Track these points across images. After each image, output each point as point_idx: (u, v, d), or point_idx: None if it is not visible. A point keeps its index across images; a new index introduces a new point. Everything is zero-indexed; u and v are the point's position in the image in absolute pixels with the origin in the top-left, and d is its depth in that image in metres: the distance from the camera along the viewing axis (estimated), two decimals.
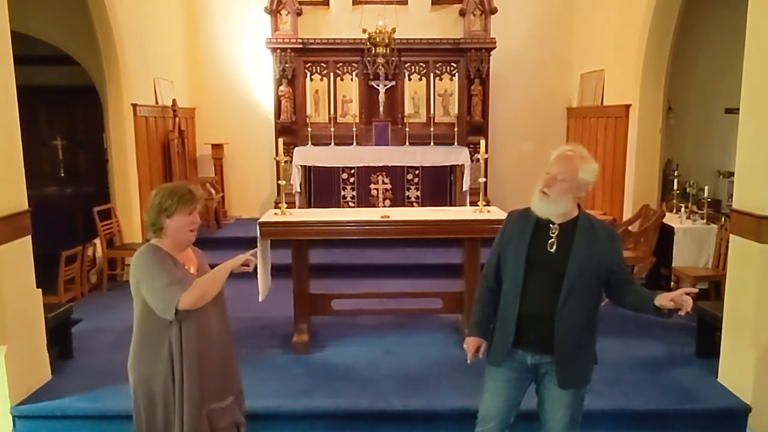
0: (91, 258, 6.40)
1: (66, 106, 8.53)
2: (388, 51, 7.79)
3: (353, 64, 8.46)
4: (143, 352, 2.74)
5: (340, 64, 8.49)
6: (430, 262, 6.76)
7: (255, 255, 2.95)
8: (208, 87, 8.87)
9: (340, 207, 7.79)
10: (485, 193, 6.71)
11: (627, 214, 6.96)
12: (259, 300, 4.74)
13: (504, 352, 2.71)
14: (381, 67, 8.23)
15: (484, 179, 5.60)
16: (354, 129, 8.25)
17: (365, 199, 8.16)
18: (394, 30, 7.61)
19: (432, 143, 8.25)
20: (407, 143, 8.25)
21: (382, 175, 8.17)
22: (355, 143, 8.25)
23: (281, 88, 8.35)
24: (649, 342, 4.84)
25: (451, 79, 8.48)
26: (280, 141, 5.29)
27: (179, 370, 2.69)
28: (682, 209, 6.20)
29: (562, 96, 9.01)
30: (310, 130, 8.17)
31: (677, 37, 6.52)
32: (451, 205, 8.02)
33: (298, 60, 8.37)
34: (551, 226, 2.65)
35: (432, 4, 8.78)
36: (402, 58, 8.41)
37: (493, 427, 2.78)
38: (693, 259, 5.82)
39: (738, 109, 4.00)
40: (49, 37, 6.86)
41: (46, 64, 7.68)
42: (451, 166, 8.23)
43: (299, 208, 7.62)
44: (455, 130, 8.29)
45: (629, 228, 6.42)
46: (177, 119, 7.71)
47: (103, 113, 6.67)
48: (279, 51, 8.27)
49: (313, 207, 7.73)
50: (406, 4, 8.74)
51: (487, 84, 8.46)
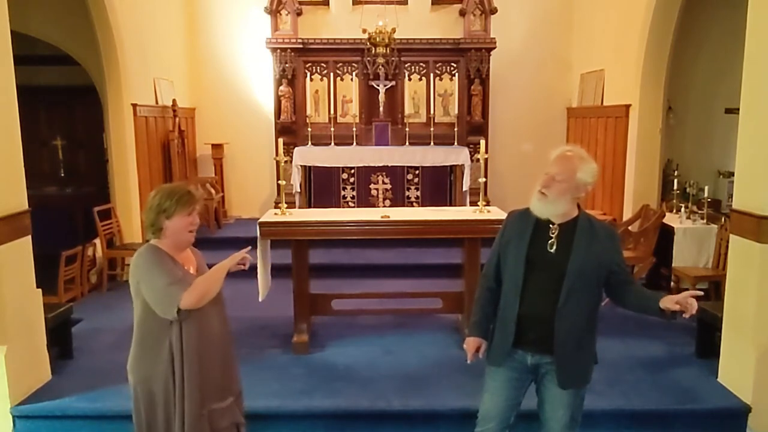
0: (91, 258, 6.40)
1: (66, 106, 8.53)
2: (388, 51, 7.79)
3: (353, 64, 8.46)
4: (143, 352, 2.74)
5: (340, 64, 8.49)
6: (430, 262, 6.76)
7: (251, 252, 2.95)
8: (208, 87, 8.87)
9: (340, 207, 7.79)
10: (485, 193, 6.71)
11: (627, 214, 6.96)
12: (259, 300, 4.74)
13: (504, 352, 2.72)
14: (381, 67, 8.23)
15: (484, 179, 5.60)
16: (354, 129, 8.25)
17: (365, 199, 8.16)
18: (394, 30, 7.61)
19: (432, 143, 8.25)
20: (407, 143, 8.25)
21: (382, 175, 8.17)
22: (355, 143, 8.25)
23: (281, 88, 8.35)
24: (649, 342, 4.84)
25: (451, 79, 8.48)
26: (280, 141, 5.29)
27: (180, 371, 2.69)
28: (682, 209, 6.20)
29: (562, 96, 9.01)
30: (310, 130, 8.17)
31: (677, 37, 6.52)
32: (451, 205, 8.02)
33: (298, 60, 8.37)
34: (551, 226, 2.65)
35: (432, 4, 8.78)
36: (402, 58, 8.41)
37: (493, 427, 2.78)
38: (693, 259, 5.82)
39: (738, 109, 4.00)
40: (49, 37, 6.86)
41: (46, 64, 7.68)
42: (451, 166, 8.23)
43: (299, 208, 7.62)
44: (455, 130, 8.29)
45: (629, 228, 6.41)
46: (177, 119, 7.71)
47: (103, 113, 6.67)
48: (279, 51, 8.27)
49: (313, 207, 7.73)
50: (406, 4, 8.74)
51: (487, 84, 8.46)
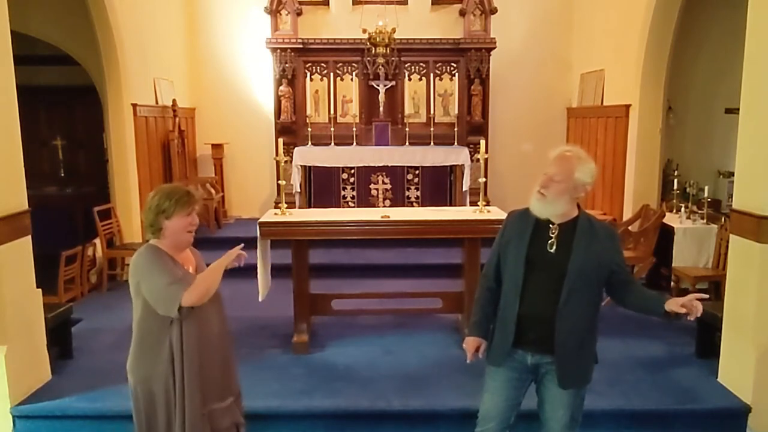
0: (91, 258, 6.40)
1: (66, 106, 8.53)
2: (388, 51, 7.79)
3: (353, 64, 8.46)
4: (143, 352, 2.74)
5: (340, 64, 8.49)
6: (430, 262, 6.76)
7: (250, 252, 2.95)
8: (208, 87, 8.87)
9: (340, 207, 7.79)
10: (485, 193, 6.71)
11: (627, 214, 6.96)
12: (259, 300, 4.74)
13: (504, 352, 2.71)
14: (381, 67, 8.23)
15: (484, 179, 5.60)
16: (354, 129, 8.25)
17: (365, 199, 8.16)
18: (394, 30, 7.61)
19: (432, 143, 8.25)
20: (407, 143, 8.25)
21: (382, 175, 8.17)
22: (355, 143, 8.25)
23: (281, 88, 8.35)
24: (649, 342, 4.84)
25: (451, 79, 8.48)
26: (280, 141, 5.29)
27: (180, 370, 2.69)
28: (682, 209, 6.20)
29: (562, 96, 9.01)
30: (310, 130, 8.17)
31: (677, 37, 6.52)
32: (451, 205, 8.02)
33: (298, 60, 8.37)
34: (551, 226, 2.65)
35: (432, 4, 8.78)
36: (402, 58, 8.41)
37: (494, 427, 2.78)
38: (693, 259, 5.82)
39: (738, 109, 4.00)
40: (49, 37, 6.86)
41: (46, 64, 7.68)
42: (451, 166, 8.23)
43: (299, 208, 7.62)
44: (455, 130, 8.28)
45: (629, 228, 6.41)
46: (177, 119, 7.71)
47: (103, 113, 6.67)
48: (279, 51, 8.27)
49: (313, 207, 7.73)
50: (406, 4, 8.74)
51: (487, 84, 8.46)
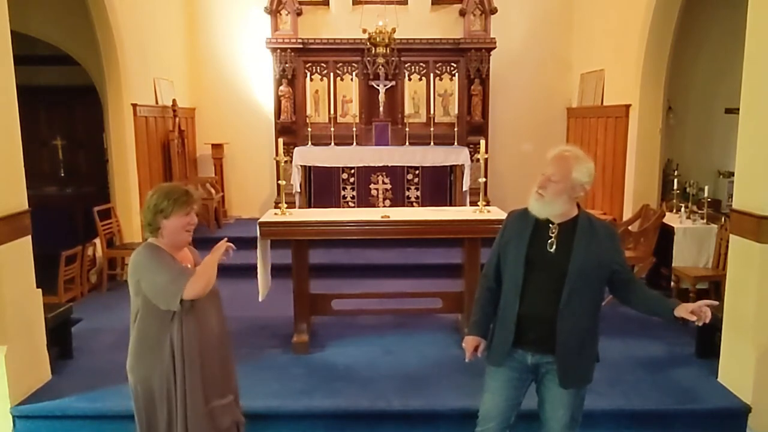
0: (91, 258, 6.39)
1: (66, 106, 8.53)
2: (388, 51, 7.79)
3: (353, 64, 8.46)
4: (143, 351, 2.74)
5: (340, 64, 8.49)
6: (430, 262, 6.76)
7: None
8: (208, 87, 8.87)
9: (340, 207, 7.79)
10: (485, 193, 6.71)
11: (627, 214, 6.96)
12: (259, 300, 4.74)
13: (504, 351, 2.71)
14: (381, 67, 8.23)
15: (484, 179, 5.60)
16: (354, 129, 8.25)
17: (365, 199, 8.16)
18: (394, 30, 7.61)
19: (432, 143, 8.24)
20: (407, 143, 8.25)
21: (382, 175, 8.17)
22: (355, 143, 8.25)
23: (281, 88, 8.35)
24: (650, 342, 4.84)
25: (451, 79, 8.47)
26: (280, 141, 5.29)
27: (180, 369, 2.70)
28: (682, 209, 6.20)
29: (562, 96, 9.01)
30: (310, 130, 8.16)
31: (677, 37, 6.52)
32: (451, 205, 8.02)
33: (298, 60, 8.37)
34: (551, 226, 2.65)
35: (432, 4, 8.78)
36: (402, 58, 8.41)
37: (494, 426, 2.78)
38: (693, 259, 5.82)
39: (738, 109, 4.00)
40: (49, 37, 6.86)
41: (46, 64, 7.68)
42: (451, 166, 8.23)
43: (299, 208, 7.62)
44: (455, 130, 8.28)
45: (629, 228, 6.41)
46: (177, 119, 7.71)
47: (103, 113, 6.67)
48: (279, 51, 8.27)
49: (313, 207, 7.73)
50: (406, 4, 8.74)
51: (487, 84, 8.46)
